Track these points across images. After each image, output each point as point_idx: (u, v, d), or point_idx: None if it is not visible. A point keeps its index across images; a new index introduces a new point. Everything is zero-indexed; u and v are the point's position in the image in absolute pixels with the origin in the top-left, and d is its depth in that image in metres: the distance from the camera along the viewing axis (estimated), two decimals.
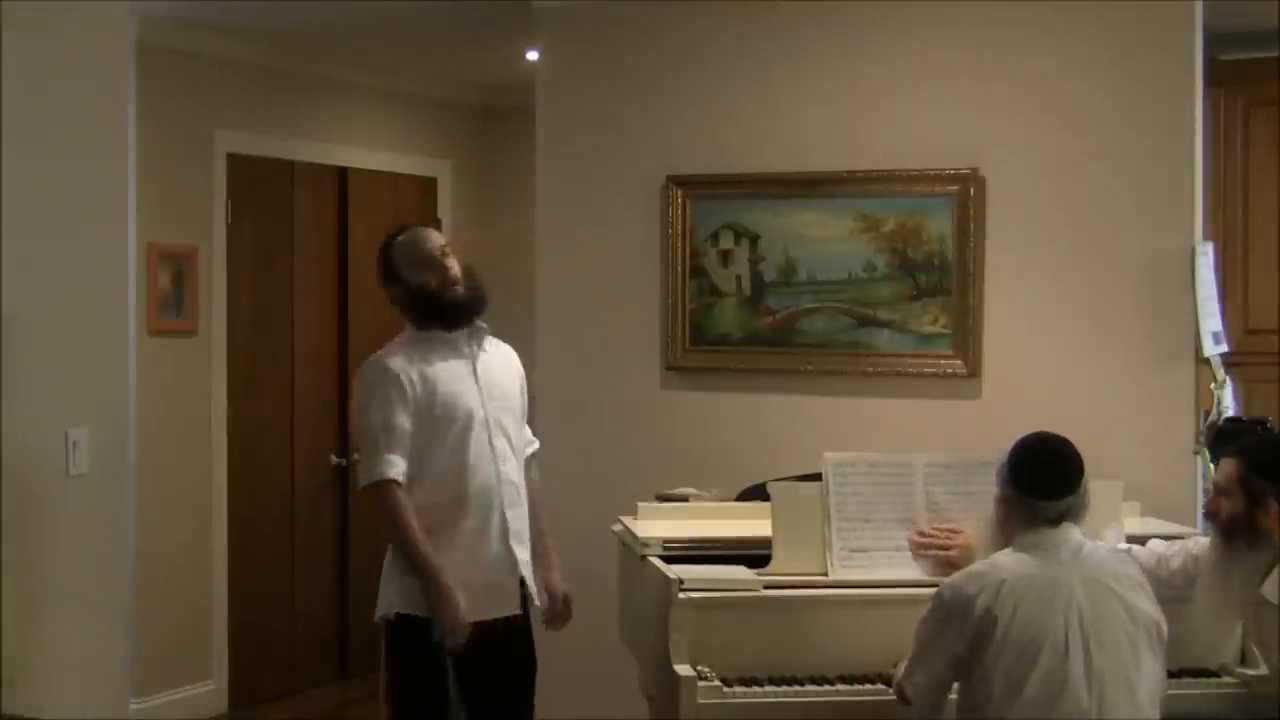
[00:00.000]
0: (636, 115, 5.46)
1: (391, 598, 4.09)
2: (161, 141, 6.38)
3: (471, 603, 4.02)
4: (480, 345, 4.20)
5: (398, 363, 4.10)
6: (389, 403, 4.05)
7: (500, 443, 4.15)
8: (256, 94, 6.93)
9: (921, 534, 4.06)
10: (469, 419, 4.10)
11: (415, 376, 4.08)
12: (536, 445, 4.41)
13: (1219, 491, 3.67)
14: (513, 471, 4.18)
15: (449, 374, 4.12)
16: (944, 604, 3.45)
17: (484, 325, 4.22)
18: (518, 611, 4.17)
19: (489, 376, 4.18)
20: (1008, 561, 3.45)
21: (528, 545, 4.19)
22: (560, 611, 4.34)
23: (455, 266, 4.16)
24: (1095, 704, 3.32)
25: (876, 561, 4.06)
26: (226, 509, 6.78)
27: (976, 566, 3.50)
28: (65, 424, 4.11)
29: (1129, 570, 3.57)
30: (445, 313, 4.14)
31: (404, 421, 4.04)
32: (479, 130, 8.20)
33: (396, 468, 4.02)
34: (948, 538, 4.01)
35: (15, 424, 3.93)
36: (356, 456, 4.26)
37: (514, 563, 4.15)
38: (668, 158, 5.38)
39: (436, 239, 4.22)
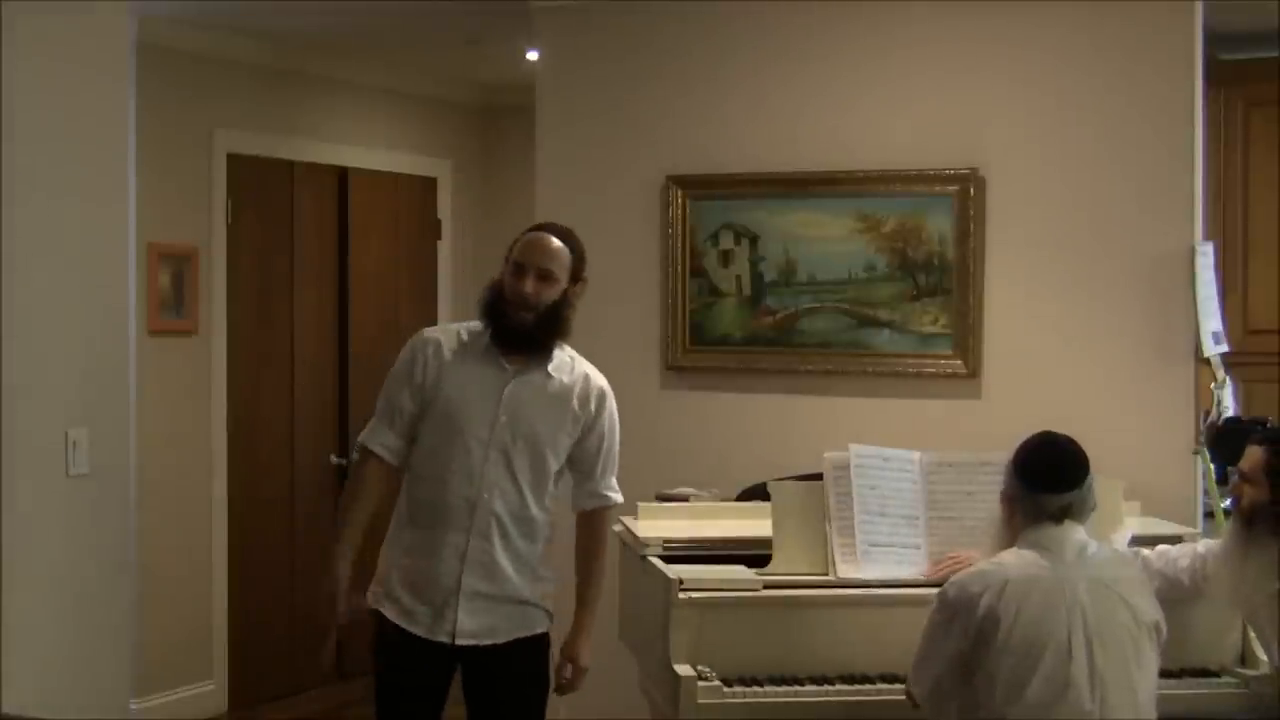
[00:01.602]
0: (636, 115, 5.46)
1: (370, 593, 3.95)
2: (161, 141, 6.38)
3: (408, 615, 3.86)
4: (527, 370, 3.88)
5: (434, 341, 3.90)
6: (400, 378, 3.89)
7: (498, 472, 3.82)
8: (256, 94, 6.93)
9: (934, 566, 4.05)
10: (462, 434, 3.82)
11: (434, 364, 3.86)
12: (610, 500, 4.00)
13: (1243, 478, 3.70)
14: (504, 505, 3.83)
15: (471, 382, 3.86)
16: (948, 603, 3.46)
17: (553, 353, 3.92)
18: (449, 641, 3.84)
19: (520, 404, 3.86)
20: (1012, 561, 3.45)
21: (499, 581, 3.85)
22: (568, 680, 4.00)
23: (535, 289, 3.83)
24: (1098, 705, 3.32)
25: (877, 560, 4.06)
26: (226, 509, 6.78)
27: (981, 565, 3.51)
28: (65, 424, 4.11)
29: (1132, 571, 3.58)
30: (496, 322, 3.87)
31: (406, 401, 3.86)
32: (479, 130, 8.20)
33: (380, 440, 3.88)
34: (957, 560, 3.97)
35: (15, 424, 3.93)
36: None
37: (457, 592, 3.83)
38: (668, 158, 5.38)
39: (543, 253, 3.86)
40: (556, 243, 3.90)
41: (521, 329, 3.85)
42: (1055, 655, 3.34)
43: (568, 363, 3.97)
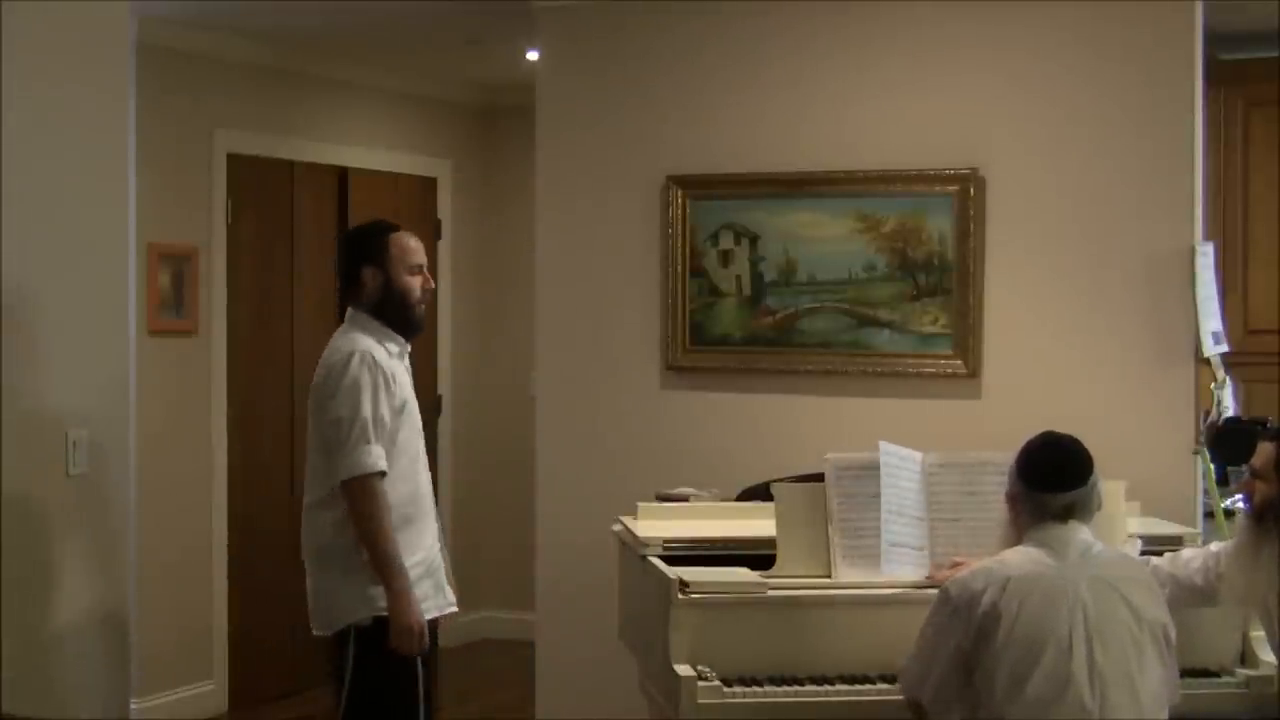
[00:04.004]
0: (636, 115, 5.46)
1: (366, 600, 4.00)
2: (161, 141, 6.38)
3: (435, 600, 4.12)
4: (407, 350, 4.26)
5: (380, 355, 4.08)
6: (376, 394, 4.01)
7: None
8: (256, 94, 6.93)
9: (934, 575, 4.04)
10: (418, 427, 4.18)
11: (389, 373, 4.07)
12: None
13: (1254, 475, 3.70)
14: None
15: (403, 376, 4.17)
16: (950, 599, 3.44)
17: None
18: (455, 609, 4.25)
19: (409, 380, 4.25)
20: (1015, 559, 3.45)
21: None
22: None
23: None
24: (1098, 704, 3.32)
25: (879, 562, 4.05)
26: (226, 509, 6.78)
27: (984, 563, 3.50)
28: (65, 424, 4.11)
29: (1137, 572, 3.57)
30: (415, 323, 4.22)
31: (387, 415, 4.03)
32: (479, 130, 8.20)
33: (384, 460, 3.99)
34: (957, 566, 3.95)
35: (15, 424, 3.93)
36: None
37: (447, 562, 4.26)
38: (668, 158, 5.38)
39: (423, 250, 4.27)
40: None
41: (423, 320, 4.28)
42: (1056, 652, 3.33)
43: None
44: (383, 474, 3.97)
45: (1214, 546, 3.95)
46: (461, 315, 8.06)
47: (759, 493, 4.42)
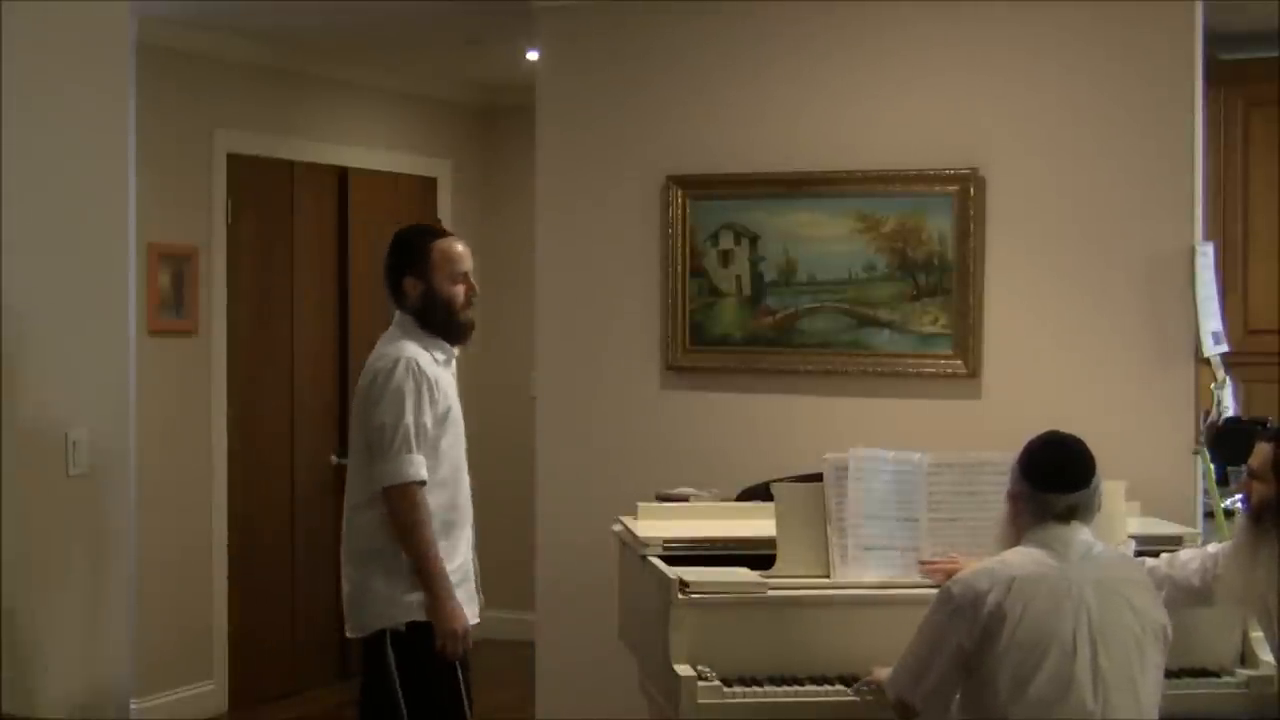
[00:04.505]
0: (636, 115, 5.46)
1: (402, 606, 4.06)
2: (161, 141, 6.38)
3: (466, 609, 4.12)
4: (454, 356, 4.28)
5: (425, 361, 4.11)
6: (420, 401, 4.05)
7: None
8: (256, 94, 6.93)
9: (925, 563, 4.04)
10: (461, 434, 4.20)
11: (434, 380, 4.10)
12: None
13: (1252, 475, 3.70)
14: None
15: (447, 383, 4.19)
16: (952, 599, 3.43)
17: None
18: (478, 620, 4.23)
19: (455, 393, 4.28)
20: (1018, 559, 3.44)
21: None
22: None
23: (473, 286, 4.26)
24: (1100, 705, 3.32)
25: (879, 562, 4.05)
26: (226, 509, 6.78)
27: (986, 563, 3.49)
28: (65, 424, 4.11)
29: (1137, 574, 3.57)
30: (460, 331, 4.22)
31: (428, 423, 4.06)
32: (479, 130, 8.21)
33: (424, 469, 4.04)
34: (952, 562, 3.96)
35: (15, 424, 3.93)
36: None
37: (477, 571, 4.27)
38: (668, 158, 5.38)
39: (470, 256, 4.26)
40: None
41: (471, 325, 4.27)
42: (1059, 654, 3.33)
43: None
44: (422, 483, 4.01)
45: (1211, 548, 3.95)
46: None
47: (759, 493, 4.42)
